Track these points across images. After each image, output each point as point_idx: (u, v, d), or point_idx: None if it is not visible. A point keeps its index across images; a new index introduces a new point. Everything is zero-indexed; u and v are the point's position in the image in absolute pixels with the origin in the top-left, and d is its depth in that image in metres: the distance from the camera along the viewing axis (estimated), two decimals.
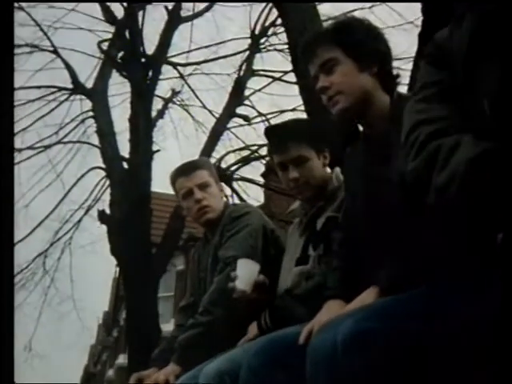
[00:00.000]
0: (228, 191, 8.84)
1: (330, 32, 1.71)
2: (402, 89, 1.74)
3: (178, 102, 10.01)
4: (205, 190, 2.40)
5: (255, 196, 9.88)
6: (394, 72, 1.73)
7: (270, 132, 2.21)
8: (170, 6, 8.97)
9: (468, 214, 1.07)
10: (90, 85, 9.19)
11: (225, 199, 2.58)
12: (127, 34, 8.62)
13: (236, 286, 1.96)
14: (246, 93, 9.24)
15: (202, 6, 9.51)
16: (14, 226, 1.48)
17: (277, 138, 2.09)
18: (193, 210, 2.41)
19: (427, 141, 1.17)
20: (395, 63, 1.75)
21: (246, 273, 1.98)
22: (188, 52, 9.66)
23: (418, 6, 3.00)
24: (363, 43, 1.66)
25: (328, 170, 2.14)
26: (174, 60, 9.61)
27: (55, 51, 9.24)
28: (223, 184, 2.60)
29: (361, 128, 1.77)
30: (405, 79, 1.80)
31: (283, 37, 7.47)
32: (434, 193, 1.11)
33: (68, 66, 9.10)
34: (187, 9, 9.34)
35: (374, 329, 1.12)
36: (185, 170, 2.45)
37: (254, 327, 1.94)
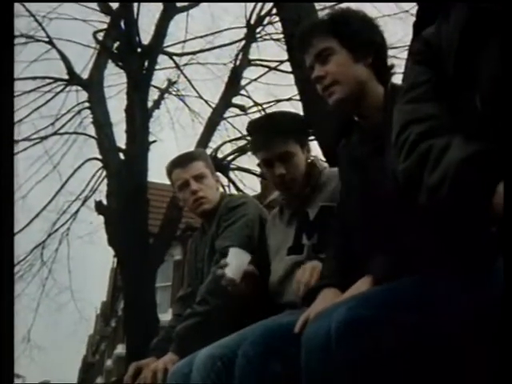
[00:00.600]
0: (224, 181, 8.87)
1: (325, 22, 1.72)
2: (398, 78, 1.76)
3: (174, 93, 10.00)
4: (201, 181, 2.42)
5: (252, 186, 9.93)
6: (389, 63, 1.74)
7: (254, 127, 2.16)
8: None
9: (459, 211, 1.09)
10: (85, 75, 9.17)
11: (221, 190, 2.60)
12: (123, 24, 8.58)
13: (225, 273, 1.97)
14: (242, 82, 9.24)
15: None
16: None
17: (262, 133, 2.05)
18: (189, 201, 2.44)
19: (418, 140, 1.18)
20: (391, 52, 1.77)
21: (236, 262, 1.98)
22: (184, 42, 9.63)
23: None
24: (359, 34, 1.67)
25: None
26: (170, 50, 9.59)
27: (50, 42, 9.20)
28: (220, 174, 2.63)
29: (355, 119, 1.79)
30: (400, 68, 1.81)
31: (279, 26, 7.44)
32: (425, 193, 1.13)
33: (63, 57, 9.07)
34: None
35: (367, 316, 1.13)
36: (181, 162, 2.47)
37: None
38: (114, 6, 8.79)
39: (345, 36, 1.67)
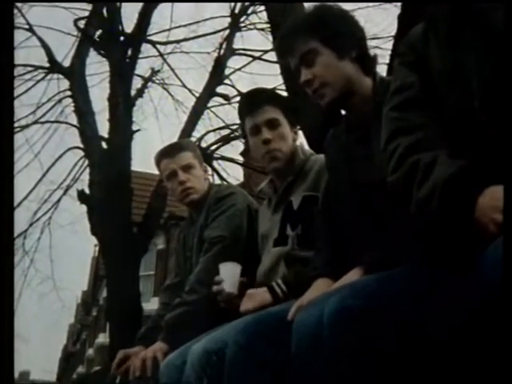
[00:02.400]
0: (208, 170, 8.84)
1: (304, 25, 1.70)
2: (382, 68, 1.77)
3: (157, 81, 9.95)
4: (189, 171, 2.44)
5: (235, 175, 9.94)
6: (371, 53, 1.74)
7: (247, 95, 2.22)
8: None
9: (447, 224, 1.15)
10: (67, 64, 9.04)
11: (209, 180, 2.62)
12: (105, 12, 8.49)
13: (224, 289, 2.00)
14: (226, 72, 9.20)
15: None
16: None
17: (254, 100, 2.10)
18: (177, 191, 2.46)
19: (406, 154, 1.25)
20: (375, 42, 1.78)
21: (230, 276, 2.01)
22: (168, 30, 9.56)
23: None
24: (339, 31, 1.67)
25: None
26: (154, 39, 9.52)
27: (31, 29, 9.05)
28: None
29: (343, 111, 1.81)
30: (384, 58, 1.83)
31: (263, 15, 7.45)
32: (415, 206, 1.20)
33: (44, 45, 8.92)
34: None
35: (358, 306, 1.16)
36: (169, 152, 2.48)
37: (255, 297, 1.87)
38: None
39: (326, 36, 1.66)
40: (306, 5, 4.00)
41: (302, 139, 4.14)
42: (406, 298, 1.18)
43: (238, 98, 9.20)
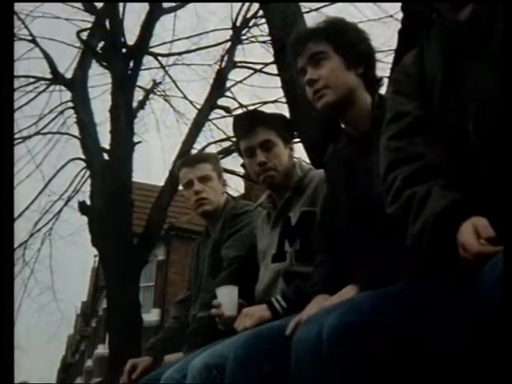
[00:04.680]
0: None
1: (322, 28, 1.76)
2: (383, 82, 1.81)
3: (159, 93, 10.01)
4: (205, 182, 2.50)
5: (236, 187, 9.95)
6: (378, 75, 1.79)
7: (240, 118, 2.28)
8: None
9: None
10: (69, 75, 9.09)
11: (226, 195, 2.65)
12: (107, 23, 8.54)
13: (224, 313, 2.00)
14: (228, 84, 9.25)
15: None
16: None
17: (246, 122, 2.14)
18: (191, 200, 2.52)
19: (403, 187, 1.28)
20: (376, 55, 1.82)
21: (228, 299, 2.02)
22: (170, 42, 9.63)
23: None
24: (353, 43, 1.72)
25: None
26: (156, 51, 9.57)
27: (33, 40, 9.11)
28: None
29: (342, 125, 1.83)
30: (384, 71, 1.86)
31: (265, 28, 7.48)
32: (410, 240, 1.24)
33: (47, 56, 8.97)
34: None
35: (357, 323, 1.16)
36: (189, 162, 2.59)
37: (253, 313, 1.86)
38: (99, 5, 8.76)
39: (340, 43, 1.71)
40: (308, 19, 4.04)
41: (302, 153, 4.16)
42: (403, 314, 1.19)
43: (239, 111, 9.26)
